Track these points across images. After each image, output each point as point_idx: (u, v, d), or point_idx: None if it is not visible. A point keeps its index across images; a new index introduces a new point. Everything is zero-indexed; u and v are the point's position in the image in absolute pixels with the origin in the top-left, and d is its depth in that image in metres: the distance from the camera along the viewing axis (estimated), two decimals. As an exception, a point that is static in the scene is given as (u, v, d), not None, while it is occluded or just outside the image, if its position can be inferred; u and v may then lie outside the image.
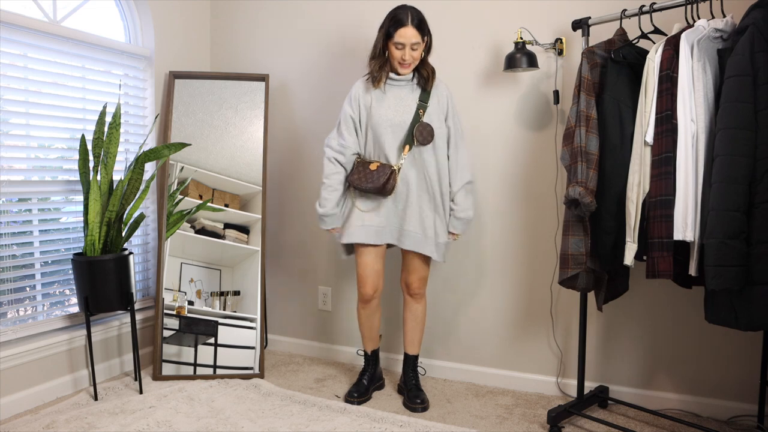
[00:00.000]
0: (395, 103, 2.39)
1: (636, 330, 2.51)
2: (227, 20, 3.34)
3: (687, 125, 1.86)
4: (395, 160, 2.38)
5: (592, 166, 2.06)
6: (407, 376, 2.61)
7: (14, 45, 2.44)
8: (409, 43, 2.30)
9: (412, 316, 2.57)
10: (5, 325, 2.44)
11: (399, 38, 2.29)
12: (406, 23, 2.28)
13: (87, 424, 2.29)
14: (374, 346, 2.68)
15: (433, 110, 2.40)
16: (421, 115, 2.37)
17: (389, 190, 2.35)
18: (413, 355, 2.61)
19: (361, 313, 2.59)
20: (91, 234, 2.48)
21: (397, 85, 2.41)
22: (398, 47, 2.31)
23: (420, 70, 2.40)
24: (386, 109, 2.39)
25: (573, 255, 2.10)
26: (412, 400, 2.50)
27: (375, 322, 2.62)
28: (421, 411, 2.47)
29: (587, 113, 2.08)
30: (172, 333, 2.81)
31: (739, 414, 2.32)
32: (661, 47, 1.93)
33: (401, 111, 2.39)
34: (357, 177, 2.39)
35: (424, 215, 2.40)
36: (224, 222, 2.96)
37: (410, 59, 2.33)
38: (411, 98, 2.40)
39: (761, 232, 1.73)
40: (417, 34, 2.29)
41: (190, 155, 2.94)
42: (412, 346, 2.60)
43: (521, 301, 2.72)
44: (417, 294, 2.53)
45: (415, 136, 2.35)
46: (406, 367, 2.62)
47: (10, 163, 2.46)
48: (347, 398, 2.57)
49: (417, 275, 2.50)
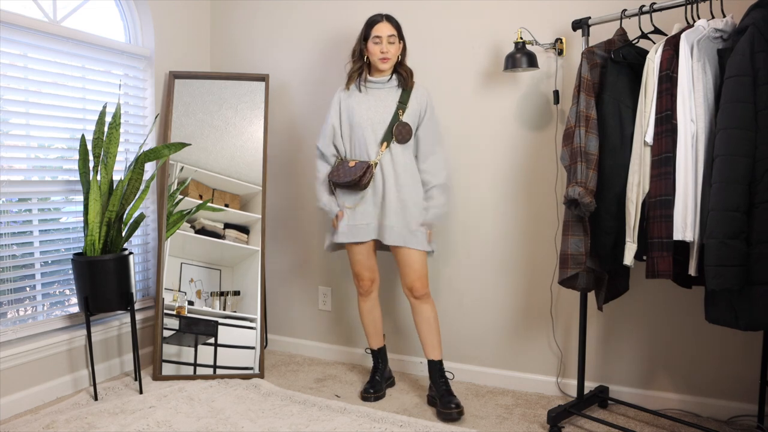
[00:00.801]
0: (375, 104, 2.49)
1: (636, 330, 2.51)
2: (227, 20, 3.34)
3: (687, 125, 1.85)
4: (375, 157, 2.46)
5: (591, 167, 2.06)
6: (437, 384, 2.49)
7: (14, 45, 2.44)
8: (386, 36, 2.43)
9: (423, 320, 2.52)
10: (5, 325, 2.44)
11: (376, 32, 2.43)
12: (381, 20, 2.45)
13: (87, 424, 2.29)
14: (380, 343, 2.71)
15: (413, 111, 2.49)
16: (400, 114, 2.46)
17: (365, 184, 2.44)
18: (437, 360, 2.51)
19: (362, 306, 2.66)
20: (91, 234, 2.48)
21: (378, 87, 2.51)
22: (376, 41, 2.44)
23: (399, 71, 2.51)
24: (367, 110, 2.49)
25: (572, 255, 2.10)
26: (446, 405, 2.37)
27: (376, 315, 2.67)
28: (456, 417, 2.35)
29: (587, 113, 2.08)
30: (172, 333, 2.82)
31: (739, 414, 2.32)
32: (660, 47, 1.93)
33: (381, 110, 2.48)
34: (335, 173, 2.50)
35: (405, 209, 2.44)
36: (224, 222, 2.96)
37: (389, 52, 2.44)
38: (391, 99, 2.50)
39: (761, 232, 1.73)
40: (392, 28, 2.44)
41: (190, 155, 2.94)
42: (433, 350, 2.51)
43: (521, 301, 2.72)
44: (422, 295, 2.50)
45: (394, 134, 2.45)
46: (434, 375, 2.52)
47: (10, 163, 2.47)
48: (364, 395, 2.60)
49: (415, 273, 2.47)
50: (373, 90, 2.51)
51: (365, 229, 2.48)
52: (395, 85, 2.51)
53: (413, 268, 2.48)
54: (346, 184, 2.45)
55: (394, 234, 2.43)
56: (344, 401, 2.56)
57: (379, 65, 2.47)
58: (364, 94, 2.51)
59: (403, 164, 2.47)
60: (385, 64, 2.46)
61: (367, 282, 2.60)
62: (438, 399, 2.46)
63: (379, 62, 2.46)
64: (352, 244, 2.52)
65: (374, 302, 2.66)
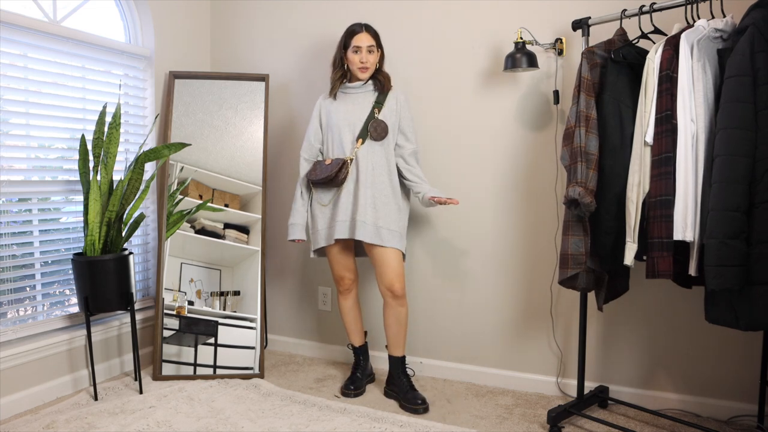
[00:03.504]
0: (353, 107, 2.57)
1: (636, 330, 2.51)
2: (227, 20, 3.34)
3: (687, 125, 1.85)
4: (350, 153, 2.51)
5: (591, 167, 2.06)
6: (399, 380, 2.57)
7: (14, 45, 2.44)
8: (365, 46, 2.51)
9: (396, 319, 2.55)
10: (5, 325, 2.44)
11: (356, 42, 2.51)
12: (360, 31, 2.52)
13: (87, 424, 2.29)
14: (361, 341, 2.76)
15: (389, 111, 2.55)
16: (376, 112, 2.52)
17: (341, 180, 2.49)
18: (401, 356, 2.59)
19: (342, 304, 2.72)
20: (91, 234, 2.48)
21: (355, 93, 2.58)
22: (355, 51, 2.51)
23: (377, 77, 2.57)
24: (344, 112, 2.56)
25: (572, 255, 2.10)
26: (412, 401, 2.48)
27: (356, 313, 2.74)
28: (423, 412, 2.45)
29: (587, 113, 2.08)
30: (172, 333, 2.82)
31: (739, 414, 2.32)
32: (660, 47, 1.93)
33: (358, 111, 2.55)
34: (312, 172, 2.56)
35: (377, 207, 2.47)
36: (224, 222, 2.96)
37: (368, 62, 2.52)
38: (368, 101, 2.56)
39: (761, 232, 1.73)
40: (371, 38, 2.52)
41: (190, 155, 2.94)
42: (399, 348, 2.58)
43: (521, 301, 2.72)
44: (400, 296, 2.50)
45: (370, 131, 2.50)
46: (396, 371, 2.59)
47: (10, 163, 2.46)
48: (344, 391, 2.64)
49: (393, 272, 2.47)
50: (350, 96, 2.58)
51: (341, 225, 2.50)
52: (371, 89, 2.57)
53: (391, 266, 2.48)
54: (322, 181, 2.50)
55: (366, 230, 2.44)
56: (344, 401, 2.57)
57: (358, 74, 2.54)
58: (342, 99, 2.59)
59: (380, 163, 2.50)
60: (365, 73, 2.53)
61: (348, 281, 2.66)
62: (402, 395, 2.53)
63: (359, 71, 2.53)
64: (329, 246, 2.57)
65: (354, 300, 2.71)
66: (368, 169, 2.48)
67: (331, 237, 2.53)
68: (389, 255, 2.47)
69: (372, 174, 2.49)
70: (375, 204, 2.47)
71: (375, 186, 2.48)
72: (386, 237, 2.45)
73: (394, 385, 2.59)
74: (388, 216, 2.47)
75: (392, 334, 2.58)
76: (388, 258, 2.47)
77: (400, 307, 2.53)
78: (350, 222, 2.48)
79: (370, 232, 2.44)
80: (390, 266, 2.48)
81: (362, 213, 2.44)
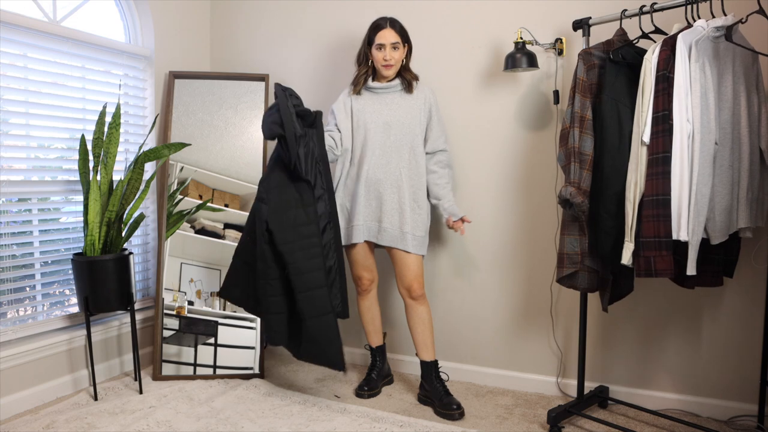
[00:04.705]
0: (380, 107, 2.52)
1: (636, 330, 2.50)
2: (227, 20, 3.34)
3: (683, 125, 1.85)
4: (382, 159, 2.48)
5: (585, 167, 2.07)
6: (433, 385, 2.49)
7: (14, 45, 2.44)
8: (389, 43, 2.44)
9: (419, 321, 2.52)
10: (5, 325, 2.45)
11: (379, 39, 2.45)
12: (385, 26, 2.46)
13: (87, 424, 2.29)
14: (379, 342, 2.73)
15: (418, 111, 2.52)
16: (405, 114, 2.50)
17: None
18: (432, 360, 2.53)
19: (361, 304, 2.68)
20: (91, 234, 2.49)
21: (384, 92, 2.54)
22: (379, 48, 2.45)
23: (404, 75, 2.53)
24: (371, 113, 2.52)
25: (568, 254, 2.11)
26: (447, 407, 2.39)
27: (375, 313, 2.69)
28: (458, 417, 2.37)
29: (582, 114, 2.09)
30: (172, 333, 2.82)
31: (739, 414, 2.32)
32: (658, 48, 1.93)
33: (386, 112, 2.51)
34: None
35: (402, 211, 2.45)
36: (224, 222, 2.96)
37: (392, 59, 2.45)
38: (397, 102, 2.52)
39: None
40: (396, 35, 2.45)
41: (190, 155, 2.94)
42: (427, 351, 2.52)
43: (521, 301, 2.72)
44: (419, 296, 2.50)
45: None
46: (428, 375, 2.52)
47: (10, 163, 2.47)
48: (358, 392, 2.62)
49: (412, 274, 2.48)
50: (378, 95, 2.53)
51: (360, 229, 2.49)
52: (400, 89, 2.53)
53: (410, 269, 2.48)
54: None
55: (390, 236, 2.45)
56: (344, 401, 2.56)
57: (382, 71, 2.49)
58: (372, 99, 2.53)
59: (406, 164, 2.48)
60: (389, 70, 2.48)
61: (366, 282, 2.62)
62: (437, 400, 2.46)
63: (383, 69, 2.48)
64: (349, 246, 2.55)
65: (373, 300, 2.68)
66: (393, 174, 2.46)
67: (349, 237, 2.51)
68: (411, 258, 2.47)
69: (397, 179, 2.46)
70: (400, 210, 2.45)
71: (400, 191, 2.46)
72: (407, 242, 2.45)
73: (427, 391, 2.53)
74: (411, 221, 2.46)
75: (418, 336, 2.53)
76: (408, 260, 2.48)
77: (420, 306, 2.52)
78: (373, 226, 2.49)
79: (390, 236, 2.45)
80: (410, 268, 2.48)
81: (386, 220, 2.45)
